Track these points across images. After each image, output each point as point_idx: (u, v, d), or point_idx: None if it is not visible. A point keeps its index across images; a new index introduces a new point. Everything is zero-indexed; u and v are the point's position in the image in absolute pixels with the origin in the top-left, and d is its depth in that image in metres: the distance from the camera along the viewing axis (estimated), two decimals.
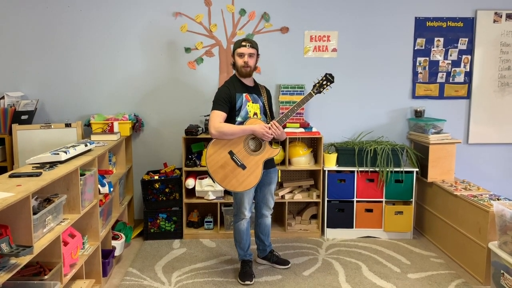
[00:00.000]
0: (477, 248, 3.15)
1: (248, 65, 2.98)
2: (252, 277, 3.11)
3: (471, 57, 4.19)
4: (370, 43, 4.16)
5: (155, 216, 3.88)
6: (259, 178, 2.93)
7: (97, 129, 3.72)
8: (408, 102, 4.25)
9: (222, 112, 2.92)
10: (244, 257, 3.21)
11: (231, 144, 2.93)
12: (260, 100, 3.10)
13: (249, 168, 2.92)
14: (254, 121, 2.97)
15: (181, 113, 4.15)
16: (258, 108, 3.06)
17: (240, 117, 2.99)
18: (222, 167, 2.91)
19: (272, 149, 2.99)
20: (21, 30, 3.98)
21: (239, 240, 3.18)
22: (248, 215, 3.12)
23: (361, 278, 3.17)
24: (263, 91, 3.16)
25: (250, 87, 3.09)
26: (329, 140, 4.19)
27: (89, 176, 2.76)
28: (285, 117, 2.95)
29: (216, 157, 2.92)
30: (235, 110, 2.99)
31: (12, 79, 4.03)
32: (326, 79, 3.05)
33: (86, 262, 2.74)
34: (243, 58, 2.97)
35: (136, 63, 4.08)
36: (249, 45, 2.97)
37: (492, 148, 4.32)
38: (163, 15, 4.03)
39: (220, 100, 2.95)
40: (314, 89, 3.04)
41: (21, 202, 1.94)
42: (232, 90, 3.00)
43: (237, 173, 2.91)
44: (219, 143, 2.93)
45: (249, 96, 3.04)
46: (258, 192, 3.21)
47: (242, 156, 2.93)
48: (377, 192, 3.90)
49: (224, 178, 2.91)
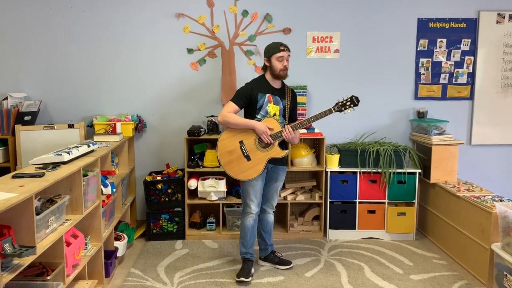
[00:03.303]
0: (480, 249, 3.14)
1: (287, 68, 3.11)
2: (249, 275, 3.12)
3: (474, 58, 4.18)
4: (373, 44, 4.15)
5: (158, 216, 3.88)
6: (259, 173, 3.06)
7: (100, 130, 3.73)
8: (411, 103, 4.24)
9: (235, 105, 3.08)
10: (245, 255, 3.22)
11: (244, 135, 3.08)
12: (282, 103, 3.17)
13: (253, 161, 3.07)
14: (269, 120, 3.08)
15: (183, 114, 4.16)
16: (278, 110, 3.14)
17: (260, 115, 3.11)
18: (229, 153, 3.09)
19: (279, 150, 3.07)
20: (24, 31, 3.99)
21: (243, 236, 3.21)
22: (254, 210, 3.16)
23: (363, 279, 3.17)
24: (289, 94, 3.22)
25: (275, 89, 3.17)
26: (331, 141, 4.18)
27: (91, 176, 2.76)
28: (299, 125, 3.06)
29: (227, 142, 3.10)
30: (256, 108, 3.11)
31: (15, 80, 4.04)
32: (351, 100, 3.08)
33: (89, 262, 2.74)
34: (283, 62, 3.08)
35: (138, 64, 4.09)
36: (287, 49, 3.11)
37: (495, 149, 4.31)
38: (166, 16, 4.03)
39: (239, 95, 3.12)
40: (336, 106, 3.08)
41: (24, 203, 1.95)
42: (255, 89, 3.11)
43: (241, 162, 3.07)
44: (233, 131, 3.10)
45: (271, 98, 3.13)
46: (264, 187, 3.25)
47: (250, 148, 3.07)
48: (379, 193, 3.89)
49: (228, 163, 3.09)
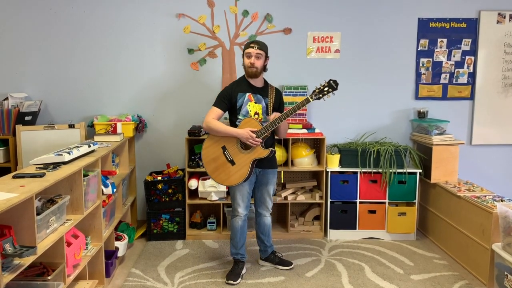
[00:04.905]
0: (480, 249, 3.14)
1: (254, 66, 3.04)
2: (238, 277, 3.12)
3: (474, 58, 4.18)
4: (373, 44, 4.15)
5: (158, 217, 3.88)
6: (244, 177, 3.01)
7: (101, 130, 3.73)
8: (411, 103, 4.24)
9: (218, 110, 3.07)
10: (236, 256, 3.23)
11: (226, 140, 3.06)
12: (264, 101, 3.13)
13: (237, 164, 3.03)
14: (248, 121, 3.02)
15: (184, 114, 4.16)
16: (260, 108, 3.10)
17: (241, 115, 3.08)
18: (214, 160, 3.08)
19: (261, 149, 3.01)
20: (24, 31, 4.00)
21: (232, 236, 3.22)
22: (242, 213, 3.15)
23: (364, 280, 3.16)
24: (272, 92, 3.18)
25: (256, 88, 3.14)
26: (332, 141, 4.18)
27: (92, 177, 2.76)
28: (278, 120, 2.95)
29: (210, 150, 3.10)
30: (236, 108, 3.09)
31: (16, 80, 4.04)
32: (328, 85, 3.03)
33: (89, 262, 2.74)
34: (250, 58, 3.04)
35: (139, 64, 4.09)
36: (257, 46, 3.05)
37: (495, 149, 4.30)
38: (166, 16, 4.03)
39: (220, 98, 3.11)
40: (313, 94, 3.02)
41: (24, 203, 1.95)
42: (235, 89, 3.10)
43: (226, 168, 3.05)
44: (215, 137, 3.08)
45: (252, 96, 3.10)
46: (256, 191, 3.25)
47: (233, 152, 3.04)
48: (380, 193, 3.89)
49: (214, 170, 3.08)
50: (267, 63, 3.15)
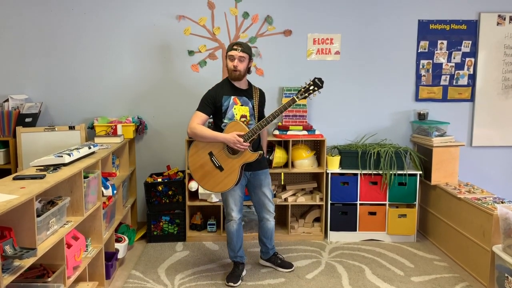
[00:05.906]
0: (481, 251, 3.14)
1: (237, 69, 2.98)
2: (238, 279, 3.10)
3: (474, 59, 4.18)
4: (373, 46, 4.15)
5: (158, 218, 3.88)
6: (234, 182, 2.95)
7: (101, 131, 3.73)
8: (412, 105, 4.24)
9: (202, 114, 3.00)
10: (235, 258, 3.22)
11: (212, 145, 2.99)
12: (251, 103, 3.08)
13: (226, 170, 2.96)
14: (234, 124, 2.96)
15: (184, 116, 4.14)
16: (247, 111, 3.05)
17: (226, 118, 3.02)
18: (201, 167, 3.00)
19: (250, 153, 2.95)
20: (25, 33, 4.00)
21: (229, 241, 3.20)
22: (235, 216, 3.12)
23: (364, 281, 3.16)
24: (256, 94, 3.13)
25: (241, 90, 3.08)
26: (332, 142, 4.18)
27: (92, 178, 2.76)
28: (265, 122, 2.89)
29: (196, 157, 3.02)
30: (221, 112, 3.02)
31: (16, 82, 4.04)
32: (314, 83, 2.98)
33: (89, 264, 2.74)
34: (233, 61, 2.97)
35: (139, 66, 4.09)
36: (240, 49, 2.96)
37: (496, 150, 4.30)
38: (167, 18, 4.04)
39: (204, 101, 3.03)
40: (299, 94, 2.96)
41: (25, 205, 1.95)
42: (219, 93, 3.03)
43: (214, 174, 2.98)
44: (200, 143, 3.00)
45: (237, 99, 3.04)
46: (253, 195, 3.22)
47: (220, 158, 2.97)
48: (380, 195, 3.89)
49: (202, 177, 3.01)
50: (251, 65, 3.08)
